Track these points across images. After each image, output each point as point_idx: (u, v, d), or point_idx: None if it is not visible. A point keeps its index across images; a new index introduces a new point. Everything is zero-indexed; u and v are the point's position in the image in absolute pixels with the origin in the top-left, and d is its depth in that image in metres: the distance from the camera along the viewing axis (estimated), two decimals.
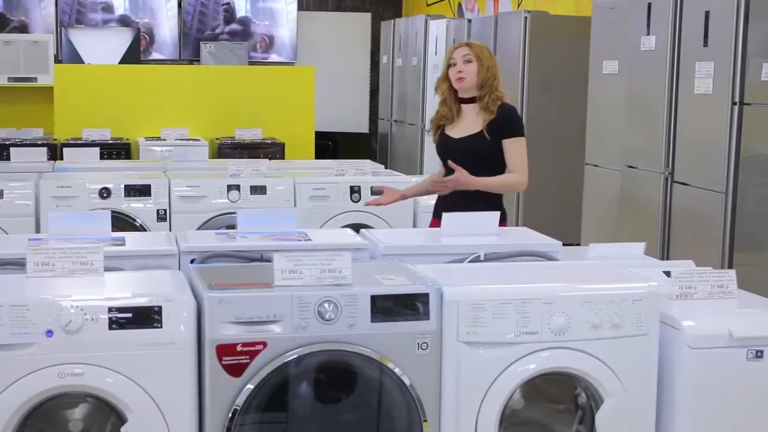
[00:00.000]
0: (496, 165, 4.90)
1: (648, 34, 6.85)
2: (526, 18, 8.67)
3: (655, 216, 6.73)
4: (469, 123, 4.95)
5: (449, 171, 4.87)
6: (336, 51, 13.16)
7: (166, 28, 12.60)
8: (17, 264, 3.48)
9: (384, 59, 12.64)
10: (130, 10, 12.61)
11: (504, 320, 3.22)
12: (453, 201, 4.80)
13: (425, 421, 3.19)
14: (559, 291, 3.31)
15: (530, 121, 8.65)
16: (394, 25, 12.27)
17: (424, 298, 3.19)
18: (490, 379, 3.24)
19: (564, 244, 4.10)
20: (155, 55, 12.58)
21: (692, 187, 6.44)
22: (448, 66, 4.97)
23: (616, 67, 7.36)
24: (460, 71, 4.91)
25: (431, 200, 5.97)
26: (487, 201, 4.78)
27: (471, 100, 4.96)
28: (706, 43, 6.27)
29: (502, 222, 4.69)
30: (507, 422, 3.32)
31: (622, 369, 3.31)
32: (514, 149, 4.91)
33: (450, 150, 4.95)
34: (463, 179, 4.77)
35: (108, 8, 12.59)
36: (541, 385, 3.38)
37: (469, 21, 10.04)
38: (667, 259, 6.31)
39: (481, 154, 4.87)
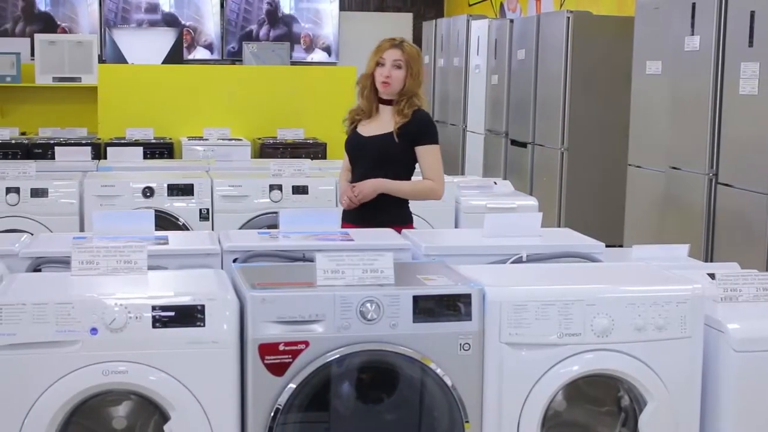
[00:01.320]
0: (402, 168, 4.82)
1: (692, 34, 6.79)
2: (568, 18, 8.64)
3: (699, 217, 6.67)
4: (382, 123, 4.83)
5: (359, 169, 4.82)
6: None
7: (210, 28, 12.66)
8: (62, 262, 3.52)
9: (425, 59, 12.62)
10: (175, 10, 12.68)
11: (547, 321, 3.21)
12: (364, 204, 4.75)
13: (467, 422, 3.18)
14: (603, 292, 3.28)
15: (572, 121, 8.63)
16: (435, 26, 12.26)
17: (466, 298, 3.18)
18: (533, 381, 3.22)
19: (606, 246, 4.08)
20: (198, 55, 12.65)
21: (736, 189, 6.38)
22: (376, 63, 4.82)
23: (660, 67, 7.31)
24: (387, 75, 4.76)
25: (474, 201, 5.98)
26: (394, 203, 4.76)
27: (390, 102, 4.84)
28: (751, 44, 6.21)
29: (408, 225, 4.74)
30: (549, 424, 3.30)
31: (666, 371, 3.28)
32: (429, 157, 4.80)
33: (358, 147, 4.87)
34: (367, 187, 4.71)
35: (152, 8, 12.68)
36: (583, 386, 3.36)
37: (511, 21, 10.02)
38: (711, 261, 6.25)
39: (388, 155, 4.77)
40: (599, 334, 3.23)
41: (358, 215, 4.73)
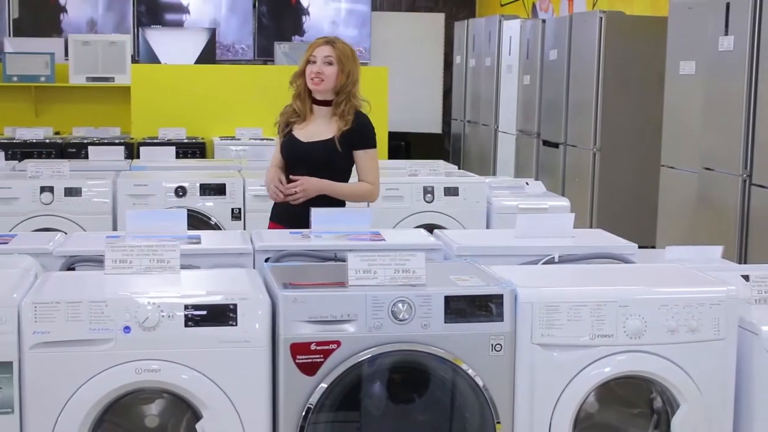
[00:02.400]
0: (342, 174, 4.75)
1: (726, 35, 6.74)
2: (601, 18, 8.61)
3: (733, 219, 6.63)
4: (321, 127, 4.72)
5: (297, 173, 4.70)
6: (409, 51, 13.17)
7: (241, 28, 12.70)
8: (96, 261, 3.54)
9: (457, 59, 12.62)
10: (207, 10, 12.73)
11: (579, 323, 3.20)
12: (303, 209, 4.54)
13: (498, 422, 3.18)
14: (635, 294, 3.27)
15: (605, 122, 8.60)
16: (467, 26, 12.24)
17: (498, 299, 3.17)
18: (565, 382, 3.21)
19: (639, 247, 4.06)
20: (230, 56, 12.69)
21: None
22: (307, 62, 4.70)
23: (693, 67, 7.27)
24: (318, 72, 4.66)
25: (506, 201, 5.96)
26: (331, 205, 4.64)
27: (325, 103, 4.73)
28: None
29: None
30: (581, 425, 3.29)
31: (699, 373, 3.27)
32: (367, 160, 4.74)
33: (296, 153, 4.73)
34: (311, 186, 4.63)
35: (185, 9, 12.73)
36: (615, 388, 3.35)
37: (544, 21, 9.99)
38: (745, 262, 6.21)
39: (329, 161, 4.68)
40: (632, 336, 3.22)
41: (291, 215, 4.60)
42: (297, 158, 4.73)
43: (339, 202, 4.76)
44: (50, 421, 2.98)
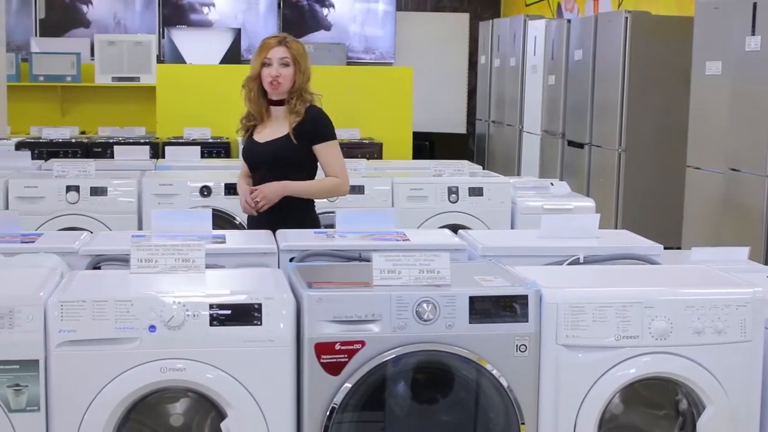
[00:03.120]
0: (303, 171, 4.66)
1: (753, 34, 6.71)
2: (626, 18, 8.58)
3: (759, 220, 6.59)
4: (276, 126, 4.66)
5: (258, 177, 4.66)
6: (434, 51, 13.16)
7: (266, 28, 12.73)
8: (121, 260, 3.55)
9: (482, 59, 12.60)
10: (232, 10, 12.76)
11: (604, 324, 3.19)
12: (269, 210, 4.57)
13: (523, 423, 3.17)
14: (661, 295, 3.26)
15: (630, 122, 8.57)
16: (492, 26, 12.22)
17: (523, 299, 3.17)
18: (590, 383, 3.20)
19: (664, 248, 4.04)
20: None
21: None
22: (262, 64, 4.59)
23: (720, 68, 7.23)
24: (276, 75, 4.56)
25: (530, 202, 5.95)
26: (299, 206, 4.65)
27: (279, 102, 4.66)
28: None
29: None
30: (606, 427, 3.28)
31: (725, 375, 3.25)
32: (328, 153, 4.66)
33: (255, 155, 4.68)
34: (270, 191, 4.56)
35: (210, 9, 12.77)
36: (641, 389, 3.33)
37: (569, 21, 9.96)
38: None
39: (287, 158, 4.61)
40: (657, 337, 3.20)
41: (263, 221, 4.53)
42: (256, 161, 4.68)
43: (307, 202, 4.71)
44: (76, 419, 2.99)
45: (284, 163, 4.62)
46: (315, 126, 4.64)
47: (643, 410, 3.43)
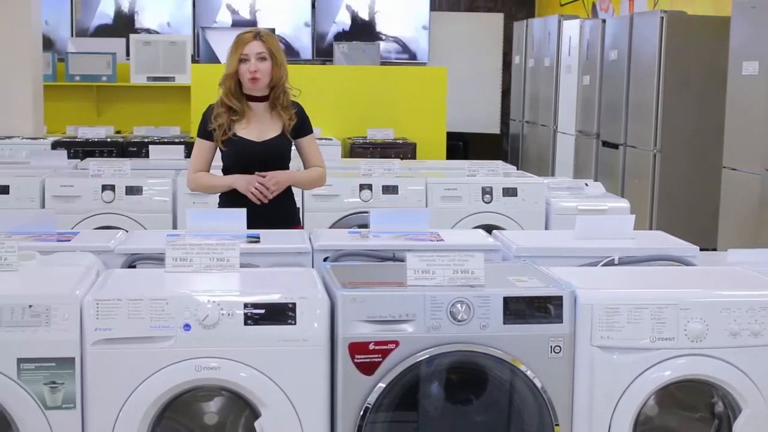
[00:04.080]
0: (288, 164, 4.71)
1: None
2: (662, 18, 8.52)
3: None
4: (265, 124, 4.63)
5: (246, 172, 4.57)
6: (468, 51, 13.14)
7: (300, 28, 12.76)
8: (156, 259, 3.57)
9: (516, 60, 12.57)
10: (266, 10, 12.80)
11: (639, 325, 3.17)
12: (248, 203, 4.46)
13: (557, 425, 3.16)
14: (697, 297, 3.23)
15: (665, 122, 8.53)
16: (526, 26, 12.20)
17: (557, 300, 3.16)
18: (624, 385, 3.19)
19: (700, 249, 4.01)
20: (288, 56, 12.73)
21: None
22: (239, 61, 4.55)
23: (757, 67, 7.17)
24: (255, 71, 4.52)
25: (565, 202, 5.92)
26: (288, 199, 4.69)
27: (260, 99, 4.62)
28: None
29: (299, 226, 4.68)
30: (640, 429, 3.26)
31: (762, 378, 3.22)
32: (312, 145, 4.75)
33: (251, 154, 4.59)
34: (282, 178, 4.58)
35: (244, 9, 12.81)
36: (676, 392, 3.31)
37: (604, 21, 9.92)
38: None
39: (285, 155, 4.66)
40: (693, 339, 3.18)
41: (256, 214, 4.42)
42: (251, 158, 4.59)
43: (288, 196, 4.72)
44: (111, 417, 3.01)
45: (282, 160, 4.65)
46: (301, 122, 4.69)
47: (679, 412, 3.41)
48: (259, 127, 4.63)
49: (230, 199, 4.60)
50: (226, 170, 4.69)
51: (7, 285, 3.16)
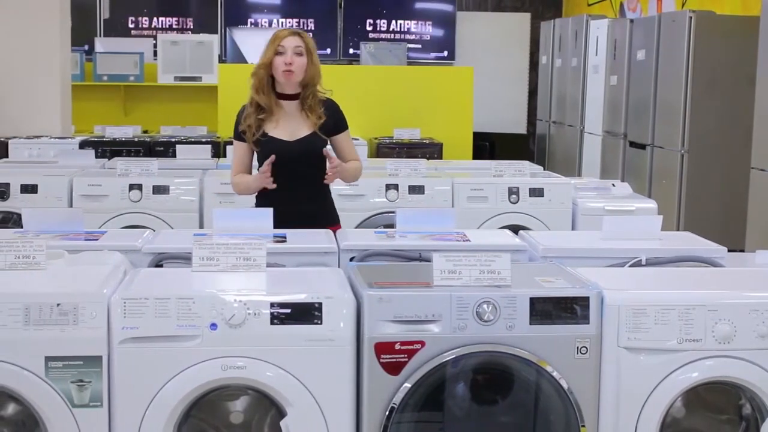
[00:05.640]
0: (322, 163, 4.58)
1: None
2: (690, 18, 8.48)
3: None
4: (296, 124, 4.59)
5: (285, 173, 4.52)
6: (494, 51, 13.11)
7: (327, 28, 12.77)
8: (183, 258, 3.58)
9: (543, 59, 12.54)
10: (293, 10, 12.82)
11: (666, 326, 3.15)
12: (285, 203, 4.44)
13: (583, 426, 3.15)
14: (725, 298, 3.22)
15: (693, 123, 8.48)
16: (553, 26, 12.16)
17: (584, 301, 3.15)
18: (651, 386, 3.17)
19: (728, 250, 3.99)
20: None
21: None
22: (275, 52, 4.53)
23: None
24: (290, 62, 4.49)
25: (591, 203, 5.90)
26: (321, 201, 4.67)
27: (291, 97, 4.60)
28: None
29: (338, 226, 4.60)
30: (667, 430, 3.25)
31: None
32: (348, 140, 4.74)
33: (284, 153, 4.52)
34: (341, 168, 4.56)
35: (272, 8, 12.84)
36: (703, 393, 3.30)
37: (632, 21, 9.88)
38: None
39: (317, 155, 4.55)
40: (721, 341, 3.17)
41: (299, 213, 4.45)
42: (284, 158, 4.53)
43: (325, 197, 4.72)
44: (138, 415, 3.02)
45: (314, 159, 4.57)
46: (336, 117, 4.66)
47: (706, 414, 3.39)
48: (290, 126, 4.60)
49: (265, 199, 4.59)
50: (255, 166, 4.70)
51: (36, 283, 3.18)
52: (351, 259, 3.74)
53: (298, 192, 4.57)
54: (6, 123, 8.42)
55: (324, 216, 4.63)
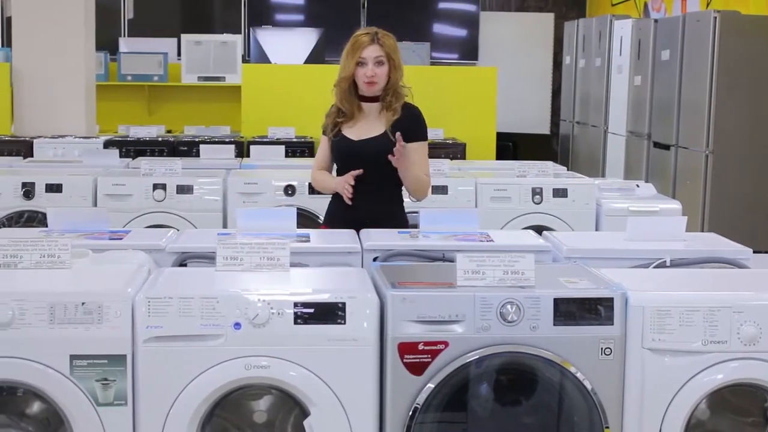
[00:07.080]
0: (394, 169, 4.46)
1: None
2: (715, 18, 8.43)
3: None
4: (370, 124, 4.54)
5: (347, 172, 4.51)
6: (518, 51, 13.09)
7: (350, 28, 12.77)
8: (207, 258, 3.59)
9: (567, 60, 12.50)
10: (316, 10, 12.83)
11: (691, 328, 3.14)
12: (358, 208, 4.46)
13: (607, 427, 3.14)
14: (750, 299, 3.20)
15: (718, 123, 8.44)
16: (577, 26, 12.13)
17: (608, 302, 3.14)
18: (675, 388, 3.16)
19: (753, 252, 3.97)
20: (338, 56, 12.75)
21: None
22: (357, 64, 4.47)
23: None
24: (372, 75, 4.44)
25: (615, 204, 5.88)
26: (393, 209, 4.60)
27: (374, 99, 4.55)
28: None
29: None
30: None
31: None
32: (421, 153, 4.55)
33: (350, 153, 4.54)
34: (405, 153, 4.38)
35: (296, 8, 12.86)
36: (728, 395, 3.28)
37: (656, 21, 9.84)
38: None
39: (382, 157, 4.40)
40: (746, 343, 3.15)
41: (346, 219, 4.43)
42: (349, 157, 4.55)
43: (395, 201, 4.64)
44: (162, 414, 3.03)
45: (381, 161, 4.45)
46: (413, 124, 4.55)
47: (730, 416, 3.37)
48: (363, 126, 4.56)
49: (337, 198, 4.60)
50: (337, 169, 4.70)
51: (61, 282, 3.20)
52: (374, 259, 3.74)
53: (362, 193, 4.50)
54: (31, 123, 8.48)
55: (389, 219, 4.48)
